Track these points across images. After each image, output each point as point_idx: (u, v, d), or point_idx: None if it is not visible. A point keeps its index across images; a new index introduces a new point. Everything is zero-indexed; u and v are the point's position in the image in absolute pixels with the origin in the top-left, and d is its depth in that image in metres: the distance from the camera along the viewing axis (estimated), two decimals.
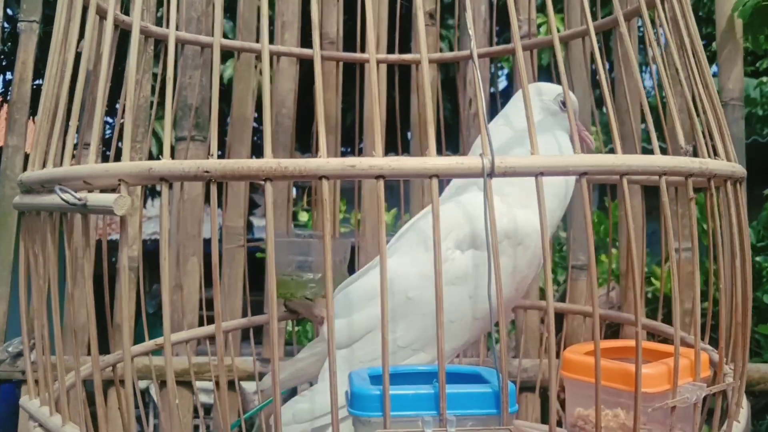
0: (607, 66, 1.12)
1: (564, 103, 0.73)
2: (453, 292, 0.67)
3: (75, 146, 0.70)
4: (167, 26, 0.52)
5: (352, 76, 1.14)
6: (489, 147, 0.47)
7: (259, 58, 1.21)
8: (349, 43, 1.19)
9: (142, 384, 1.40)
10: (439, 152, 0.79)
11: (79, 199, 0.50)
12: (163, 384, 1.17)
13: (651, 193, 0.77)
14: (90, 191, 0.52)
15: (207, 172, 0.47)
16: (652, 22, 0.62)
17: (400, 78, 1.11)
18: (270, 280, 0.47)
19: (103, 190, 0.53)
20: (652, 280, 1.88)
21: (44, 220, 0.59)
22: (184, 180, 0.48)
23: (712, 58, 1.52)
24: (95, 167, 0.51)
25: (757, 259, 1.80)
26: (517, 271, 0.69)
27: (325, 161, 0.46)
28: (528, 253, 0.69)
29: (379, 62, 1.11)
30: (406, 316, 0.67)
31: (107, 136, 1.99)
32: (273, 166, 0.46)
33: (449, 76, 1.93)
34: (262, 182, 0.47)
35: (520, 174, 0.47)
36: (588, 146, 0.79)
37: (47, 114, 0.62)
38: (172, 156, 0.48)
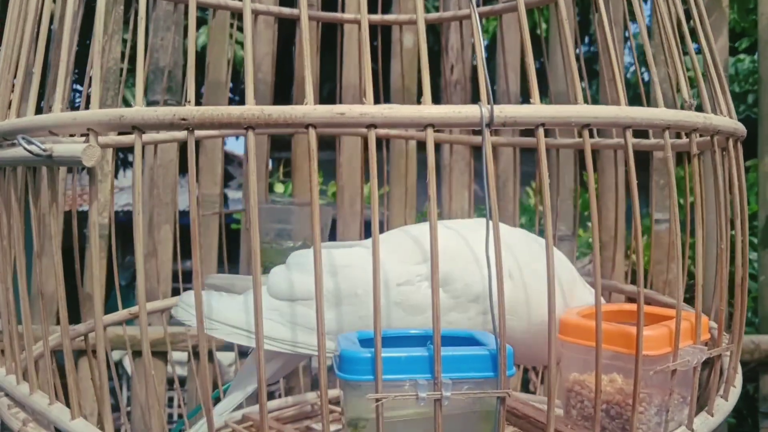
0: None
1: None
2: (401, 317, 0.62)
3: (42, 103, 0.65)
4: None
5: (330, 45, 1.10)
6: (488, 95, 0.43)
7: (235, 18, 1.17)
8: (328, 6, 1.15)
9: (115, 355, 1.36)
10: None
11: (44, 150, 0.46)
12: (136, 354, 1.14)
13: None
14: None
15: (184, 119, 0.43)
16: None
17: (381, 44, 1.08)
18: (254, 239, 0.44)
19: None
20: (628, 253, 1.88)
21: (8, 176, 0.55)
22: (159, 128, 0.45)
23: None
24: (61, 116, 0.47)
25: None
26: None
27: (312, 108, 0.43)
28: (489, 326, 0.64)
29: (359, 22, 1.07)
30: (343, 306, 0.62)
31: (76, 105, 1.93)
32: (256, 113, 0.43)
33: (428, 45, 1.89)
34: (243, 131, 0.44)
35: (520, 124, 0.44)
36: None
37: (8, 63, 0.58)
38: None
